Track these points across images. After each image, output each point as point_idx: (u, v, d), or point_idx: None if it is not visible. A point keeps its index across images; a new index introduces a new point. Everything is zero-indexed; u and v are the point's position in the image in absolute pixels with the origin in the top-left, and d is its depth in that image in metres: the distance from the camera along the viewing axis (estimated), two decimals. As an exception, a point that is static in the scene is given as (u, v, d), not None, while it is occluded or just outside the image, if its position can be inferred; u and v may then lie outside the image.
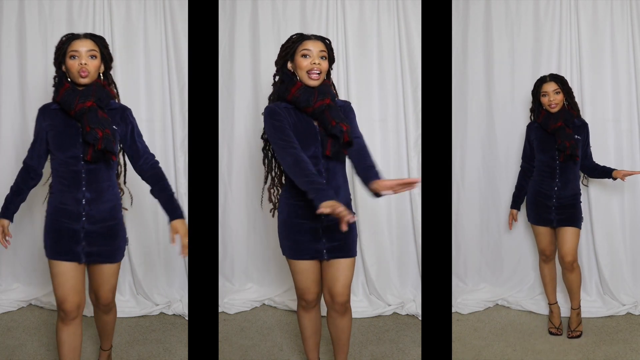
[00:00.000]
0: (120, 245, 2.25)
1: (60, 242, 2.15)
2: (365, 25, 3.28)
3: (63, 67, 2.15)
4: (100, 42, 2.17)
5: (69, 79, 2.14)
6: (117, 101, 2.28)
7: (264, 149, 2.36)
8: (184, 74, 3.23)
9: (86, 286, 2.27)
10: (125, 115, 2.25)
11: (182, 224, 2.16)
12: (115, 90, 2.27)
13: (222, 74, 3.35)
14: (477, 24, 3.38)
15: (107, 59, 2.20)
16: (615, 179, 2.91)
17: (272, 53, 3.29)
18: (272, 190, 2.38)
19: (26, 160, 2.28)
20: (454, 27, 3.18)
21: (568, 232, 2.90)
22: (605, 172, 2.96)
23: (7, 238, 2.31)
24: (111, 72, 2.25)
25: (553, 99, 2.83)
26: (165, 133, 3.35)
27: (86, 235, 2.16)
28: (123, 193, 2.36)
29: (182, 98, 3.27)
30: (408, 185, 1.97)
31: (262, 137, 2.35)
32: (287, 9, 3.31)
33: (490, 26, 3.36)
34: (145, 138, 3.29)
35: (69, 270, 2.14)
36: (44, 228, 2.21)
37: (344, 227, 1.90)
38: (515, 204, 3.10)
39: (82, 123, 2.10)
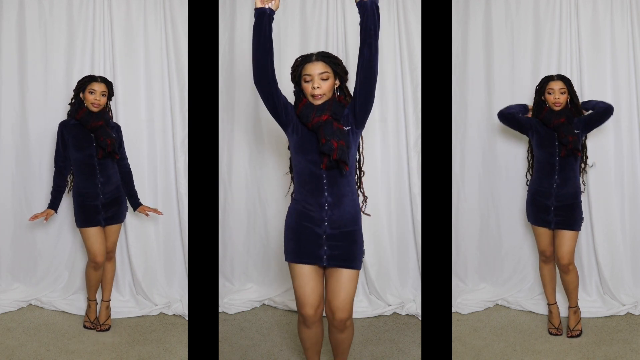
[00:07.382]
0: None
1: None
2: (365, 25, 3.28)
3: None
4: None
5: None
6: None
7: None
8: (184, 74, 3.23)
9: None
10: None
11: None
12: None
13: (222, 74, 3.35)
14: (477, 24, 3.38)
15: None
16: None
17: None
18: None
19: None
20: (454, 27, 3.18)
21: (566, 235, 2.91)
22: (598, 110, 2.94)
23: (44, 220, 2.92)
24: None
25: (558, 97, 2.87)
26: (165, 133, 3.35)
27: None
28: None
29: (182, 98, 3.27)
30: None
31: (288, 148, 2.37)
32: (287, 8, 3.30)
33: (490, 26, 3.36)
34: (145, 138, 3.35)
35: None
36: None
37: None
38: None
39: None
